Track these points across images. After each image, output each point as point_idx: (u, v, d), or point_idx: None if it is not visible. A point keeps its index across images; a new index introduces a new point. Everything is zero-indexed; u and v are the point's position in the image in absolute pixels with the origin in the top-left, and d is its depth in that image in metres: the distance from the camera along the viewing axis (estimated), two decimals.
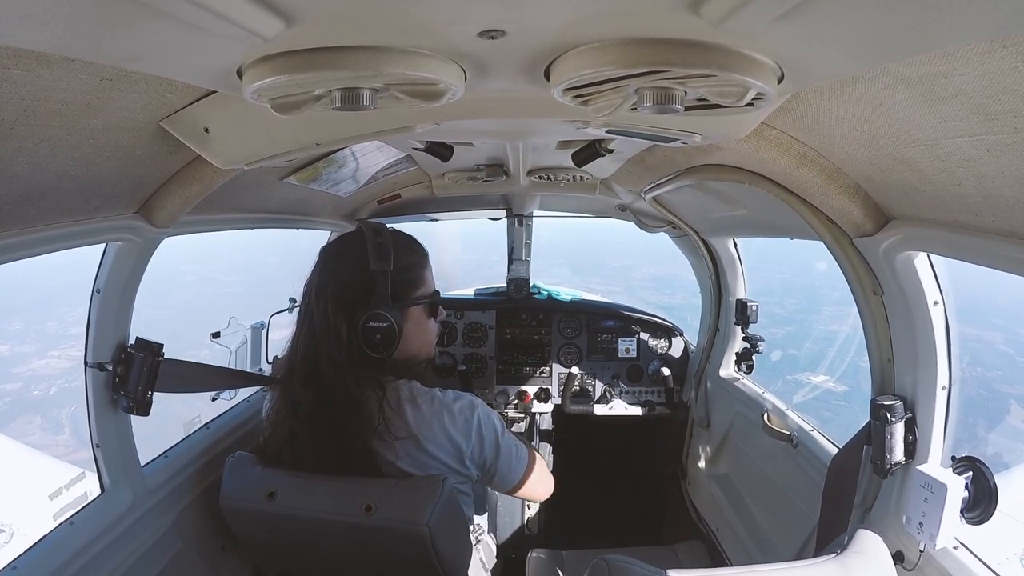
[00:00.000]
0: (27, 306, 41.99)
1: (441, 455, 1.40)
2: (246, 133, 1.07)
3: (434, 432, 1.39)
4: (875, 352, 1.45)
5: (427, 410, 1.40)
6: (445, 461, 1.41)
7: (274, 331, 2.31)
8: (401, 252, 1.45)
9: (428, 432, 1.38)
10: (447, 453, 1.41)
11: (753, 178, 1.34)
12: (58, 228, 1.14)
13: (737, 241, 2.48)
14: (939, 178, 0.96)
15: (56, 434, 23.03)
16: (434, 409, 1.40)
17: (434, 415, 1.40)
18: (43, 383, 28.65)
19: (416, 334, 1.48)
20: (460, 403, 1.43)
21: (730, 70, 0.64)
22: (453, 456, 1.42)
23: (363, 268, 1.39)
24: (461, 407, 1.43)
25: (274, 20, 0.55)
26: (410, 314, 1.45)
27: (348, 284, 1.40)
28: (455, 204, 2.72)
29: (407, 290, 1.45)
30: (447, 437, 1.40)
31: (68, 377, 26.77)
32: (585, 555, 2.20)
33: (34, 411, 25.79)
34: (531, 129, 1.34)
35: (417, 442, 1.38)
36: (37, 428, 24.01)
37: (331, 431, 1.37)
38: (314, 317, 1.40)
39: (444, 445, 1.40)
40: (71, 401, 22.76)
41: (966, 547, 1.30)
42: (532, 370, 3.13)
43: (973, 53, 0.63)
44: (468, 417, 1.42)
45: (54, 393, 27.03)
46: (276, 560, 1.61)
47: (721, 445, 2.61)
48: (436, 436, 1.39)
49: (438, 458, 1.40)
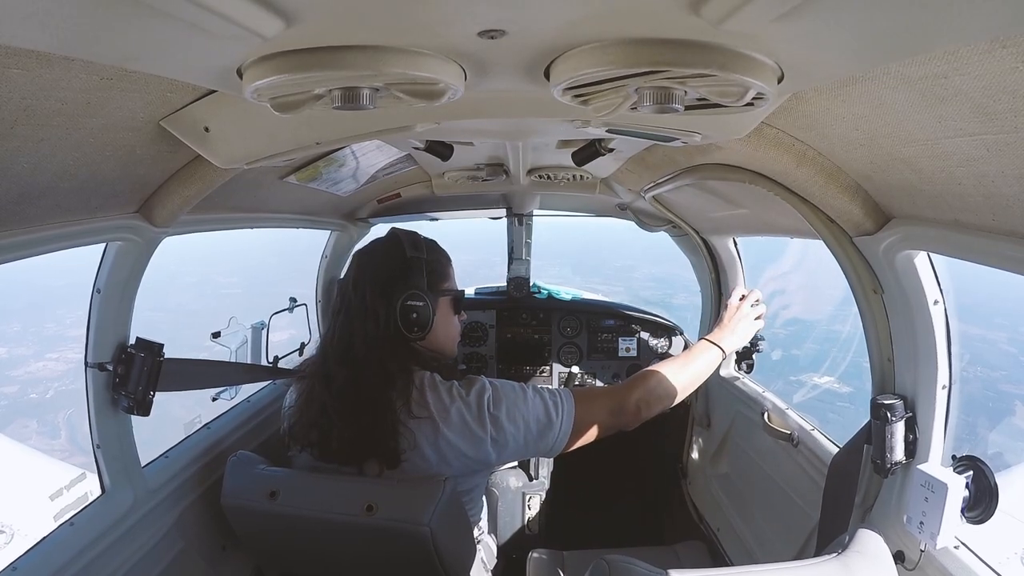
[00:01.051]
0: (26, 307, 41.93)
1: (459, 442, 1.41)
2: (246, 132, 1.07)
3: (451, 418, 1.41)
4: (875, 351, 1.45)
5: (446, 396, 1.43)
6: (462, 449, 1.42)
7: (274, 332, 2.31)
8: (431, 248, 1.57)
9: (446, 417, 1.41)
10: (465, 440, 1.42)
11: (753, 177, 1.34)
12: (58, 228, 1.14)
13: (737, 240, 2.48)
14: (939, 177, 0.96)
15: (52, 438, 23.00)
16: (452, 396, 1.43)
17: (452, 402, 1.42)
18: (40, 386, 28.57)
19: (443, 325, 1.55)
20: (475, 389, 1.46)
21: (730, 70, 0.64)
22: (471, 443, 1.42)
23: (399, 256, 1.50)
24: (476, 393, 1.45)
25: (274, 19, 0.55)
26: (440, 304, 1.52)
27: (385, 271, 1.48)
28: (455, 203, 2.72)
29: (437, 281, 1.54)
30: (463, 423, 1.41)
31: (65, 380, 26.70)
32: (586, 555, 2.20)
33: (31, 415, 25.68)
34: (531, 128, 1.34)
35: (436, 426, 1.40)
36: (33, 432, 23.97)
37: (361, 406, 1.41)
38: (351, 305, 1.48)
39: (462, 432, 1.41)
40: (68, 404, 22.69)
41: (967, 547, 1.30)
42: (532, 370, 3.12)
43: (973, 53, 0.63)
44: (480, 402, 1.44)
45: (51, 396, 26.95)
46: (277, 560, 1.61)
47: (721, 445, 2.61)
48: (454, 422, 1.41)
49: (456, 445, 1.41)
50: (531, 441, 1.47)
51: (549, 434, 1.49)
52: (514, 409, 1.45)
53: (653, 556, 2.24)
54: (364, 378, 1.41)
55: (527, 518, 2.75)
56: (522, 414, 1.46)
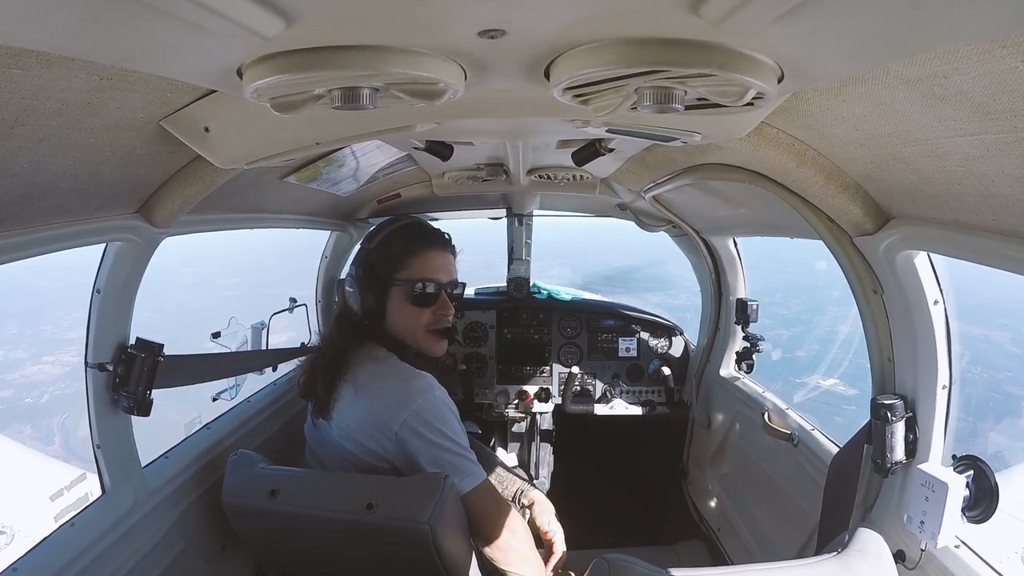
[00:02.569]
0: (23, 309, 41.74)
1: (367, 423, 1.50)
2: (246, 133, 1.07)
3: (372, 393, 1.52)
4: (875, 351, 1.45)
5: (374, 367, 1.57)
6: (367, 429, 1.50)
7: (274, 334, 2.31)
8: (396, 236, 1.68)
9: (366, 390, 1.52)
10: (372, 423, 1.49)
11: (753, 177, 1.34)
12: (58, 228, 1.14)
13: (737, 240, 2.48)
14: (939, 177, 0.96)
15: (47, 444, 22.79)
16: (385, 369, 1.57)
17: (379, 375, 1.55)
18: (35, 390, 28.29)
19: (397, 314, 1.65)
20: (416, 381, 1.53)
21: (730, 70, 0.63)
22: (375, 427, 1.49)
23: (362, 248, 1.72)
24: (417, 385, 1.52)
25: (274, 19, 0.55)
26: (391, 293, 1.64)
27: (354, 258, 1.72)
28: (455, 203, 2.72)
29: (390, 271, 1.64)
30: (378, 405, 1.50)
31: (60, 384, 26.39)
32: (586, 555, 2.20)
33: (24, 420, 25.34)
34: (531, 128, 1.34)
35: (353, 394, 1.53)
36: (27, 438, 23.74)
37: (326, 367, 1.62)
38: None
39: (371, 412, 1.50)
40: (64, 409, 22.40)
41: (967, 546, 1.30)
42: (532, 370, 3.13)
43: (973, 53, 0.63)
44: (412, 394, 1.50)
45: (46, 401, 26.66)
46: (277, 558, 1.61)
47: (722, 444, 2.61)
48: (369, 398, 1.51)
49: (361, 421, 1.50)
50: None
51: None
52: (442, 434, 1.50)
53: (653, 555, 2.23)
54: (326, 345, 1.68)
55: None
56: (450, 451, 1.50)
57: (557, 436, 3.09)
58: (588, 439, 3.30)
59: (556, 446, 3.04)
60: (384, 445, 1.48)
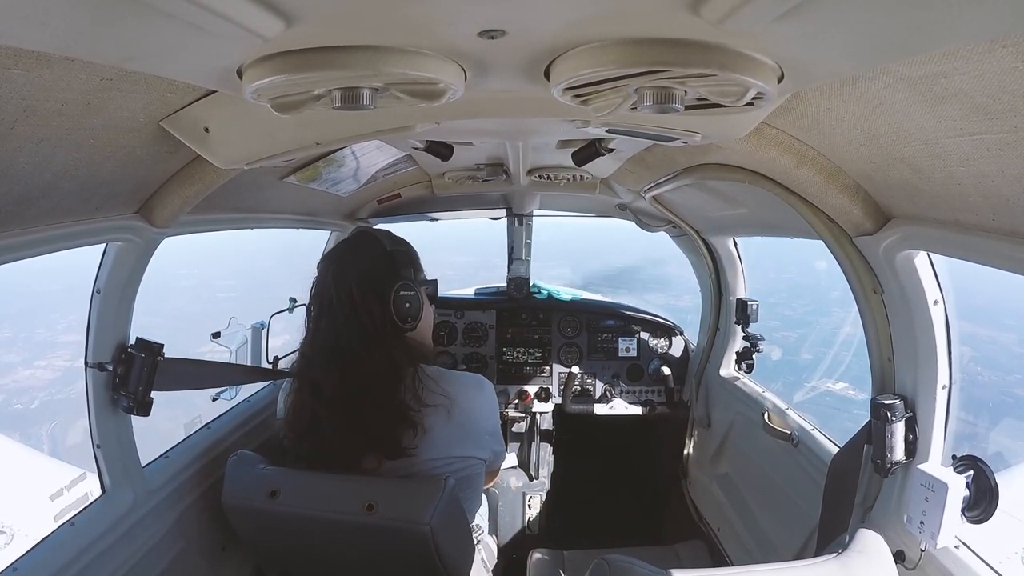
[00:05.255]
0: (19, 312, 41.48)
1: (471, 428, 1.48)
2: (246, 133, 1.07)
3: (471, 399, 1.48)
4: (875, 351, 1.45)
5: (460, 379, 1.50)
6: (473, 435, 1.49)
7: (273, 336, 2.31)
8: (404, 241, 1.60)
9: (465, 399, 1.46)
10: (477, 427, 1.49)
11: (753, 177, 1.34)
12: (58, 228, 1.14)
13: (737, 240, 2.48)
14: (939, 177, 0.96)
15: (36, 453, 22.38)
16: (467, 379, 1.52)
17: (469, 385, 1.51)
18: (25, 396, 27.77)
19: (425, 315, 1.55)
20: (485, 381, 1.56)
21: (730, 70, 0.64)
22: (483, 430, 1.51)
23: (381, 251, 1.48)
24: (489, 386, 1.55)
25: (274, 20, 0.55)
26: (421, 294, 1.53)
27: (370, 267, 1.45)
28: (455, 203, 2.72)
29: (416, 272, 1.55)
30: (480, 410, 1.50)
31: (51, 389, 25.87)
32: (586, 555, 2.20)
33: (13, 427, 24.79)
34: (531, 128, 1.34)
35: (449, 412, 1.43)
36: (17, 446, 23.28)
37: (357, 405, 1.38)
38: (334, 307, 1.41)
39: (475, 418, 1.49)
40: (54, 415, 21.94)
41: (967, 546, 1.30)
42: (532, 370, 3.13)
43: (973, 53, 0.63)
44: (493, 394, 1.55)
45: (36, 407, 26.17)
46: (277, 559, 1.61)
47: (722, 444, 2.61)
48: (472, 405, 1.48)
49: (466, 430, 1.47)
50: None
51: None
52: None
53: (653, 556, 2.24)
54: (361, 377, 1.38)
55: (527, 518, 2.75)
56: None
57: (557, 436, 3.09)
58: (588, 439, 3.30)
59: (556, 446, 3.04)
60: (481, 446, 1.54)
